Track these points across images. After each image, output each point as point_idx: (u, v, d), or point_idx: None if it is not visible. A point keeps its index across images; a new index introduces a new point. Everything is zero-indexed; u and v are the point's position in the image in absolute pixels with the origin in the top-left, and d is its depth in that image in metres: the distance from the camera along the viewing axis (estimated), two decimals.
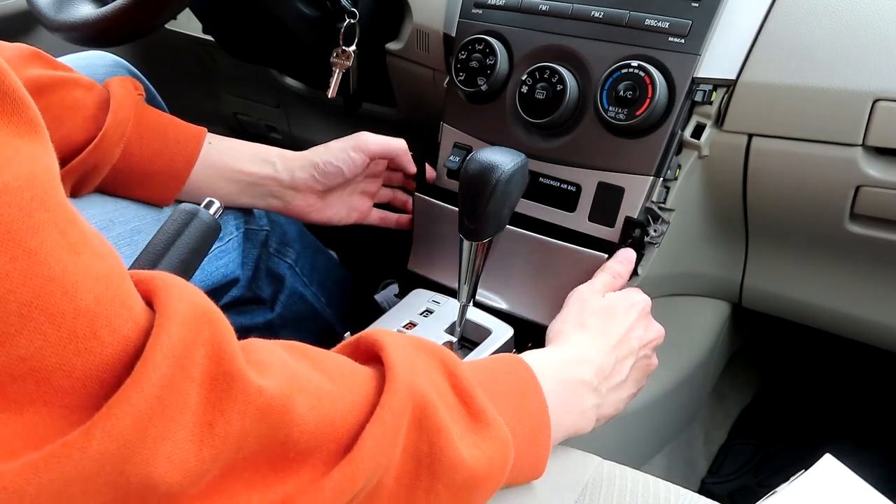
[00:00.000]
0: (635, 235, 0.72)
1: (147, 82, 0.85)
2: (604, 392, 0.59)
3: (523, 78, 0.75)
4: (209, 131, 0.76)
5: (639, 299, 0.67)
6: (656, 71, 0.69)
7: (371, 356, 0.41)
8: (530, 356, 0.55)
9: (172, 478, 0.29)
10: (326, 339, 0.93)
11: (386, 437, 0.36)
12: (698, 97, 0.70)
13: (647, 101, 0.69)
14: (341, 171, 0.78)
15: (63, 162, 0.66)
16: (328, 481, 0.34)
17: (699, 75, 0.69)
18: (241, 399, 0.31)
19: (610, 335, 0.61)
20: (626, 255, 0.70)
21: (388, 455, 0.37)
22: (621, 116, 0.70)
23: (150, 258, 0.51)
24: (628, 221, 0.71)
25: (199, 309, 0.31)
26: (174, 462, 0.29)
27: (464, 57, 0.79)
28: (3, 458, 0.26)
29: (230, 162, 0.75)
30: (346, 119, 1.23)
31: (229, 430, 0.31)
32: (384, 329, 0.43)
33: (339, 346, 0.45)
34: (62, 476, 0.26)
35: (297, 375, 0.35)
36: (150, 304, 0.31)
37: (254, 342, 0.36)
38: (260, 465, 0.33)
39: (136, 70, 0.88)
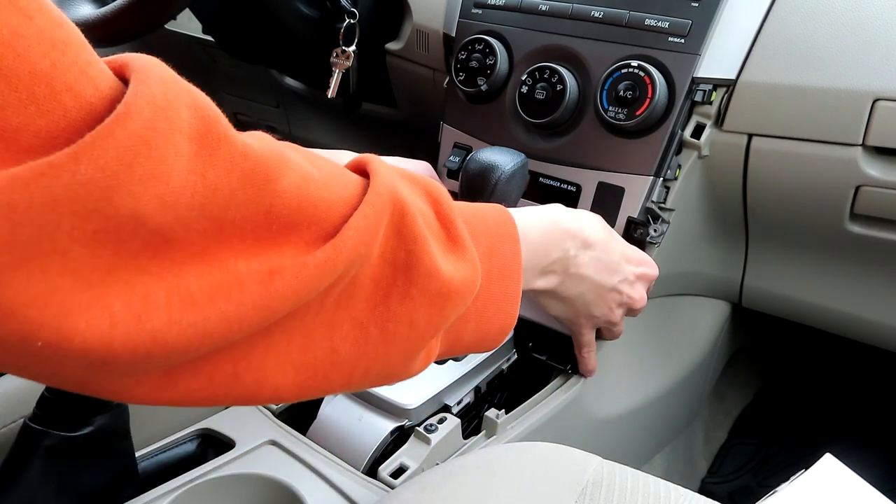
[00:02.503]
0: (635, 235, 0.72)
1: None
2: (583, 258, 0.60)
3: (523, 78, 0.75)
4: None
5: (650, 266, 0.67)
6: (656, 71, 0.69)
7: (360, 171, 0.42)
8: (518, 211, 0.55)
9: (163, 218, 0.29)
10: None
11: (367, 231, 0.37)
12: (698, 97, 0.70)
13: (647, 101, 0.69)
14: None
15: None
16: (312, 259, 0.34)
17: (699, 75, 0.69)
18: (229, 158, 0.32)
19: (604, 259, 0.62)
20: None
21: (367, 247, 0.37)
22: (621, 116, 0.70)
23: None
24: (630, 221, 0.71)
25: (175, 75, 0.31)
26: (166, 203, 0.29)
27: (464, 57, 0.79)
28: None
29: None
30: (346, 119, 1.23)
31: (219, 184, 0.31)
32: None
33: None
34: (51, 195, 0.26)
35: (285, 155, 0.36)
36: (123, 79, 0.31)
37: None
38: (246, 233, 0.33)
39: None
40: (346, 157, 0.76)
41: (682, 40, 0.69)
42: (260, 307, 0.33)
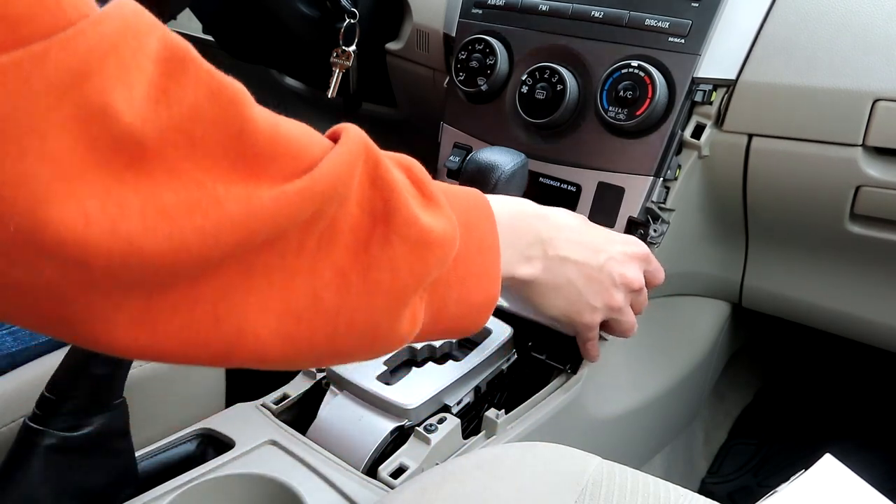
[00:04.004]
0: (636, 236, 0.72)
1: None
2: (560, 240, 0.59)
3: (523, 78, 0.75)
4: None
5: (636, 244, 0.65)
6: (656, 71, 0.69)
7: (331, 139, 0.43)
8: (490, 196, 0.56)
9: (131, 119, 0.30)
10: None
11: (344, 167, 0.38)
12: (698, 97, 0.70)
13: (647, 101, 0.69)
14: None
15: None
16: (290, 186, 0.35)
17: (699, 75, 0.69)
18: (194, 77, 0.33)
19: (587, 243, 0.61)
20: None
21: (345, 185, 0.38)
22: (621, 116, 0.70)
23: None
24: (631, 222, 0.71)
25: (151, 16, 0.33)
26: (132, 106, 0.30)
27: (464, 57, 0.79)
28: None
29: None
30: (346, 119, 1.23)
31: (183, 99, 0.32)
32: None
33: None
34: (25, 74, 0.28)
35: (251, 98, 0.36)
36: None
37: None
38: (219, 156, 0.34)
39: None
40: None
41: (682, 40, 0.69)
42: (237, 226, 0.33)
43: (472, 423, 0.70)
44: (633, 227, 0.72)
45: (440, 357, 0.71)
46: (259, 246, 0.35)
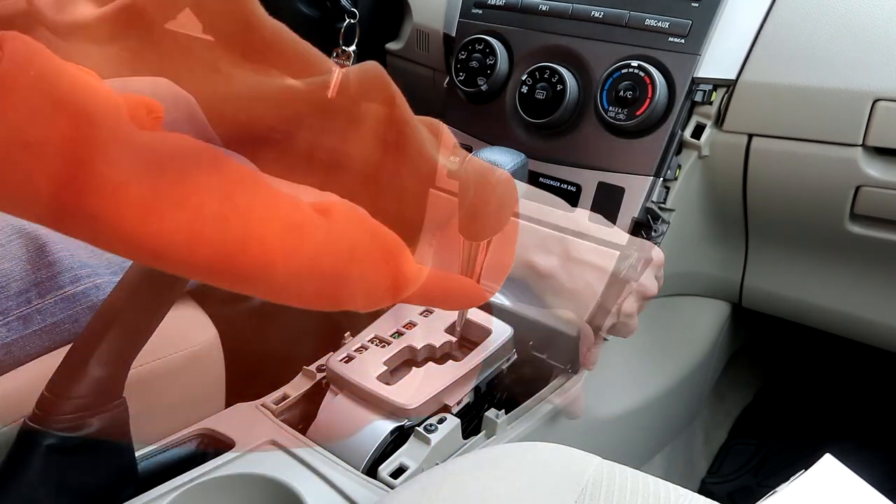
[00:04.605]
0: (639, 237, 0.72)
1: None
2: (582, 244, 0.60)
3: (523, 78, 0.75)
4: None
5: (649, 248, 0.66)
6: (656, 71, 0.69)
7: None
8: None
9: None
10: (328, 339, 0.93)
11: (354, 87, 0.39)
12: (698, 97, 0.70)
13: (647, 101, 0.69)
14: None
15: None
16: (297, 83, 0.37)
17: (699, 75, 0.69)
18: None
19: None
20: None
21: (354, 102, 0.40)
22: (621, 116, 0.70)
23: None
24: (636, 223, 0.71)
25: None
26: None
27: (464, 57, 0.79)
28: None
29: None
30: None
31: None
32: None
33: None
34: None
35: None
36: None
37: None
38: (229, 44, 0.36)
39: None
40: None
41: (682, 40, 0.69)
42: (240, 105, 0.35)
43: (472, 423, 0.70)
44: (636, 228, 0.72)
45: (440, 357, 0.71)
46: (264, 138, 0.36)
